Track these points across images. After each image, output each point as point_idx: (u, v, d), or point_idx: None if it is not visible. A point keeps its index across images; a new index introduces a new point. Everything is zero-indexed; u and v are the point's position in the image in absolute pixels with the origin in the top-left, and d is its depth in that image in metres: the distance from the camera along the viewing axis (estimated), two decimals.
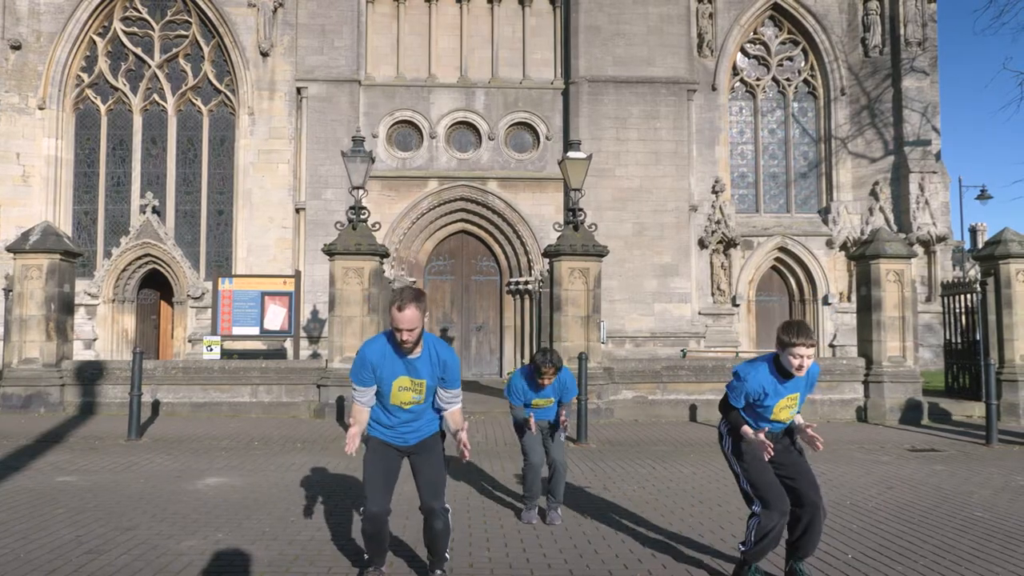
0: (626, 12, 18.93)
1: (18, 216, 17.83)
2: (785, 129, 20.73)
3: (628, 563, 4.57)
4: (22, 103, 18.42)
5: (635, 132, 18.73)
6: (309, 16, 18.65)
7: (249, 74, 18.62)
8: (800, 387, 4.09)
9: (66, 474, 7.12)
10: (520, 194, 18.86)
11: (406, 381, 3.95)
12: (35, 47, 18.48)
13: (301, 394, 11.59)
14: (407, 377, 3.95)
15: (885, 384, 11.37)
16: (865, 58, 20.11)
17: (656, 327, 18.36)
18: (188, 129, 19.38)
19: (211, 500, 6.06)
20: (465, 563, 4.52)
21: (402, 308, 3.76)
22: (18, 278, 11.64)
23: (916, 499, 6.30)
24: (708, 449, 8.87)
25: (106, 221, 19.12)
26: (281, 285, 14.47)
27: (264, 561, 4.51)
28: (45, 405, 11.24)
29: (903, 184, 19.53)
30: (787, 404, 4.07)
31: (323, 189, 18.33)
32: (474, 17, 19.48)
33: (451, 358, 4.03)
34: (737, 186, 20.50)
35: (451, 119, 19.01)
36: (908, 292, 11.69)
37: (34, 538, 4.95)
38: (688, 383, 11.68)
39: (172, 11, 19.09)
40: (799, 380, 4.06)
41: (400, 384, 3.95)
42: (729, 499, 6.22)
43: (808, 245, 19.74)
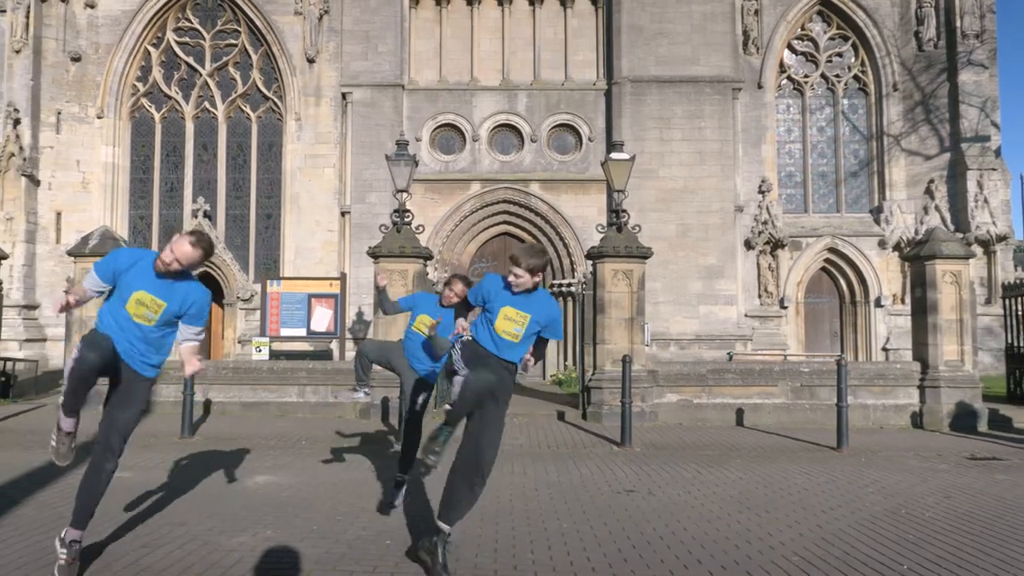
0: (669, 11, 18.74)
1: (78, 221, 18.48)
2: (835, 127, 20.27)
3: (673, 569, 4.50)
4: (81, 113, 19.10)
5: (679, 132, 18.52)
6: (354, 22, 18.92)
7: (296, 80, 18.98)
8: (532, 310, 4.15)
9: (122, 470, 7.28)
10: (562, 196, 18.82)
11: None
12: (93, 59, 19.14)
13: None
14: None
15: (942, 389, 11.00)
16: (919, 52, 19.53)
17: (701, 329, 18.11)
18: (237, 135, 19.85)
19: (260, 497, 6.17)
20: (509, 565, 4.52)
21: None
22: (78, 281, 12.05)
23: (976, 509, 6.08)
24: (755, 454, 8.71)
25: (160, 225, 19.70)
26: (327, 287, 14.69)
27: (312, 558, 4.58)
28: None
29: (960, 182, 18.91)
30: (512, 316, 4.13)
31: (367, 193, 18.56)
32: (516, 20, 19.52)
33: None
34: (784, 186, 20.11)
35: (493, 122, 19.07)
36: (966, 294, 11.29)
37: (91, 531, 5.09)
38: (734, 387, 11.48)
39: (222, 20, 19.58)
40: (533, 303, 4.15)
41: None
42: (778, 505, 6.09)
43: (859, 245, 19.25)
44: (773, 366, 12.46)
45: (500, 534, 5.11)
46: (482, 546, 4.87)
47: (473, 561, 4.57)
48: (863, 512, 5.89)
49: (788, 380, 11.48)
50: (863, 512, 5.89)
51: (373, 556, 4.65)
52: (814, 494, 6.56)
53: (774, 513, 5.83)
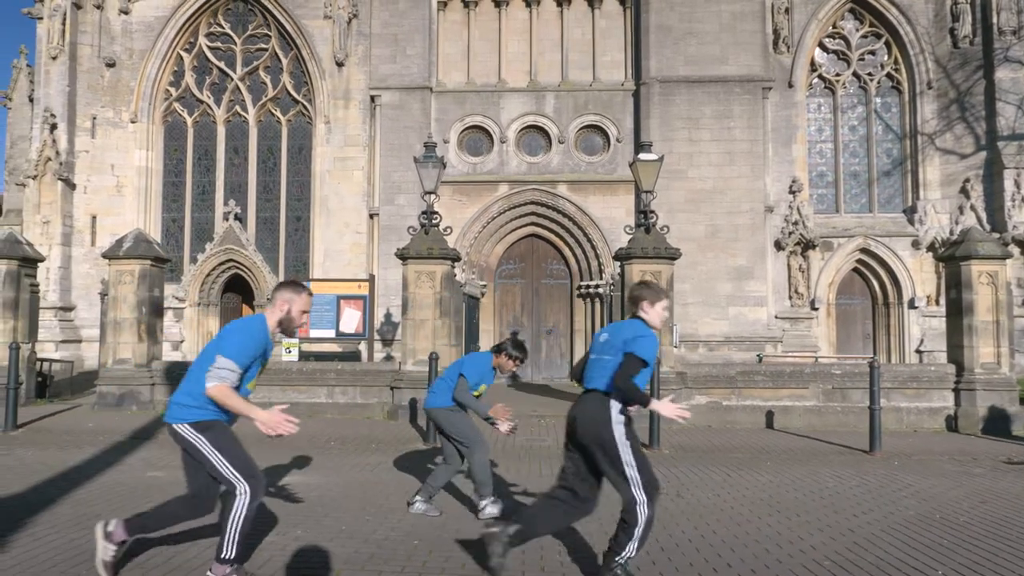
0: (698, 10, 18.60)
1: (112, 224, 18.86)
2: (867, 126, 19.95)
3: (703, 572, 4.47)
4: (116, 117, 19.49)
5: (708, 132, 18.37)
6: (382, 26, 19.06)
7: (325, 84, 19.18)
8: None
9: (156, 469, 7.47)
10: (590, 197, 18.77)
11: None
12: (127, 64, 19.53)
13: (375, 396, 11.82)
14: None
15: (977, 392, 10.78)
16: (954, 49, 19.15)
17: (730, 331, 17.93)
18: (268, 139, 20.11)
19: (290, 497, 6.24)
20: (537, 567, 4.52)
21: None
22: (112, 283, 12.30)
23: (1013, 515, 5.94)
24: (786, 457, 8.61)
25: (192, 228, 20.02)
26: (356, 289, 14.82)
27: (341, 558, 4.62)
28: (137, 403, 11.83)
29: (997, 181, 18.48)
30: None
31: (396, 195, 18.68)
32: (543, 21, 19.52)
33: None
34: (816, 186, 19.84)
35: (521, 123, 19.09)
36: (1003, 295, 11.04)
37: None
38: (764, 389, 11.35)
39: (253, 25, 19.86)
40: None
41: None
42: (809, 509, 6.01)
43: (892, 246, 18.92)
44: (804, 368, 12.30)
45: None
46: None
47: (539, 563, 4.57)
48: (896, 516, 5.79)
49: (819, 382, 11.32)
50: (896, 516, 5.79)
51: (402, 556, 4.68)
52: (846, 497, 6.46)
53: (805, 516, 5.76)
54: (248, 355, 3.93)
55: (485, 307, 18.73)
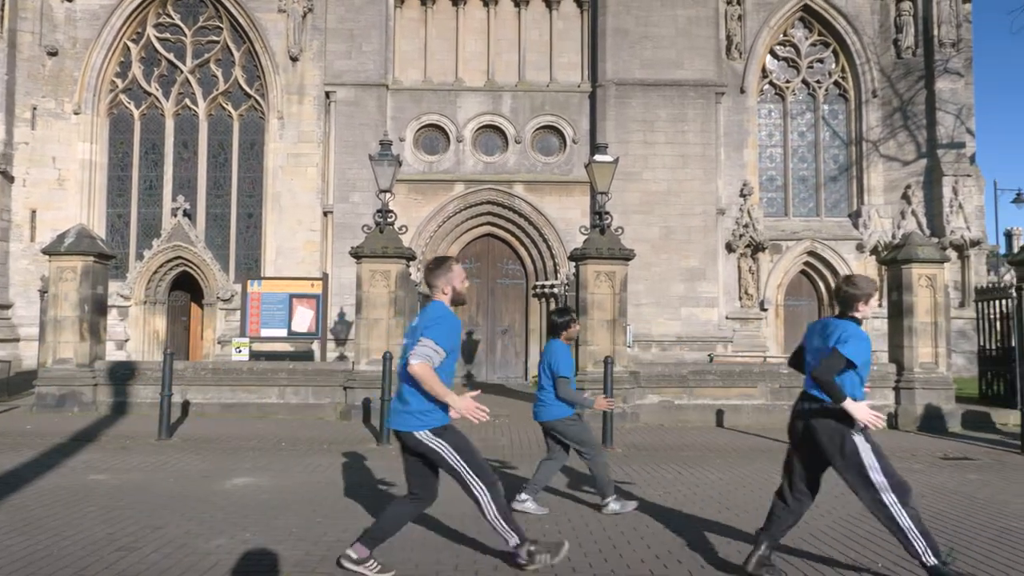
0: (654, 14, 18.84)
1: (53, 219, 18.21)
2: (815, 132, 20.48)
3: (654, 568, 4.53)
4: (58, 108, 18.83)
5: (662, 135, 18.62)
6: (338, 21, 18.83)
7: (279, 79, 18.85)
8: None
9: (98, 472, 7.25)
10: (546, 197, 18.85)
11: None
12: (71, 53, 18.89)
13: (328, 396, 11.67)
14: None
15: (916, 391, 11.16)
16: (897, 60, 19.79)
17: (683, 331, 18.21)
18: (219, 133, 19.67)
19: (239, 500, 6.13)
20: (470, 560, 4.52)
21: None
22: (53, 280, 11.88)
23: (949, 508, 6.17)
24: (735, 455, 8.78)
25: (138, 224, 19.47)
26: (309, 287, 14.62)
27: (291, 561, 4.55)
28: (78, 404, 11.45)
29: (936, 188, 19.17)
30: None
31: (351, 192, 18.48)
32: (501, 21, 19.53)
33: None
34: (766, 189, 20.28)
35: (478, 123, 19.06)
36: (941, 297, 11.46)
37: (67, 535, 5.04)
38: (715, 388, 11.57)
39: (204, 17, 19.40)
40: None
41: None
42: (757, 506, 6.14)
43: (838, 249, 19.46)
44: (753, 368, 12.57)
45: (438, 536, 5.11)
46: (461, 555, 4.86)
47: (492, 563, 4.56)
48: (839, 512, 5.95)
49: (768, 381, 11.58)
50: (839, 512, 5.95)
51: None
52: None
53: (753, 513, 5.87)
54: (451, 341, 4.10)
55: None
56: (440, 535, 5.15)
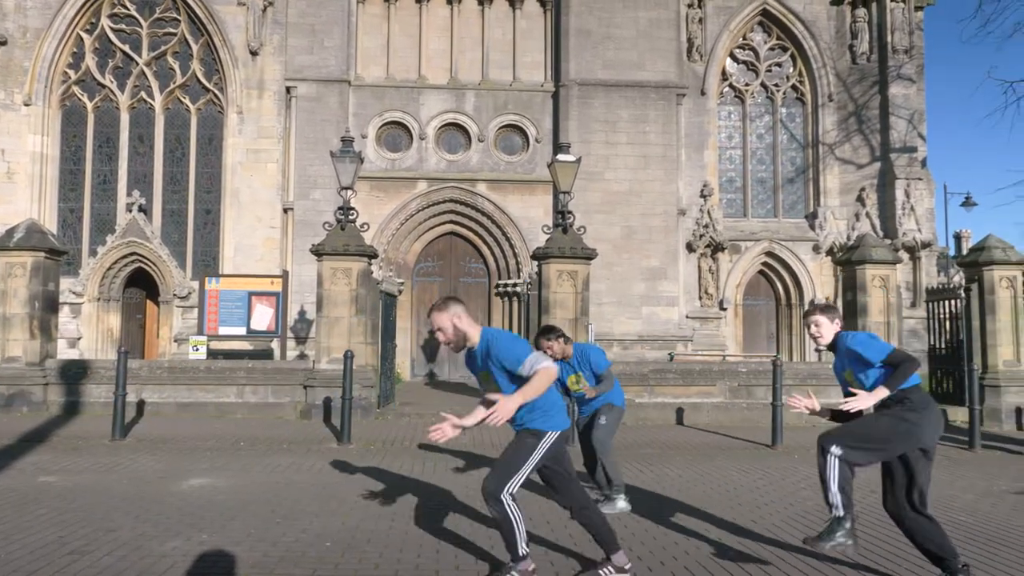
0: (616, 16, 18.99)
1: (2, 213, 17.64)
2: (773, 134, 20.86)
3: None
4: (7, 99, 18.25)
5: (624, 136, 18.78)
6: (299, 15, 18.58)
7: (238, 73, 18.54)
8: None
9: (49, 474, 7.05)
10: (509, 196, 18.87)
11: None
12: (21, 43, 18.31)
13: (288, 395, 11.53)
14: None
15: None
16: (853, 65, 20.27)
17: (644, 330, 18.41)
18: (176, 127, 19.27)
19: (195, 501, 6.02)
20: (473, 571, 4.52)
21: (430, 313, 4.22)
22: (2, 276, 11.52)
23: None
24: (694, 452, 8.91)
25: (92, 219, 18.97)
26: (268, 285, 14.42)
27: (248, 563, 4.49)
28: (28, 404, 11.13)
29: (889, 190, 19.68)
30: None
31: (311, 189, 18.26)
32: (465, 19, 19.49)
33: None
34: (725, 190, 20.60)
35: (441, 120, 19.00)
36: (893, 297, 11.79)
37: (16, 539, 4.90)
38: (675, 386, 11.72)
39: (160, 8, 18.98)
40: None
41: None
42: (714, 502, 6.25)
43: (795, 250, 19.86)
44: (712, 366, 12.77)
45: (398, 534, 5.09)
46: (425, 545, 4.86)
47: (454, 563, 4.56)
48: (795, 507, 6.09)
49: (726, 380, 11.78)
50: (795, 507, 6.09)
51: (312, 559, 4.59)
52: (749, 491, 6.75)
53: (711, 509, 5.97)
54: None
55: (403, 305, 18.52)
56: (440, 535, 5.13)
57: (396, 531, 5.20)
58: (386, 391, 12.43)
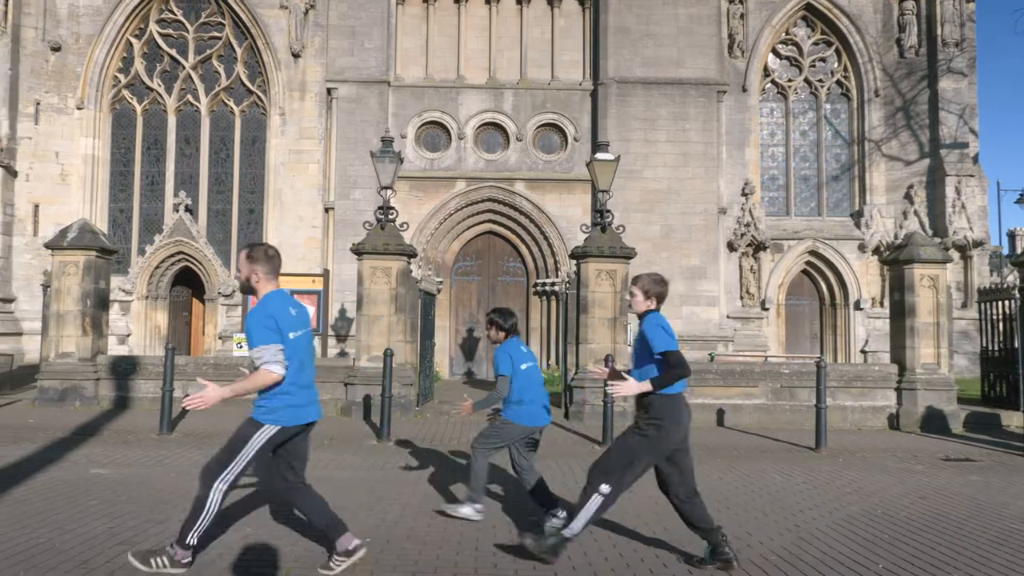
0: (656, 13, 18.81)
1: (56, 214, 18.24)
2: (817, 131, 20.46)
3: (653, 567, 4.54)
4: (61, 103, 18.84)
5: (664, 133, 18.61)
6: (340, 17, 18.82)
7: (280, 75, 18.85)
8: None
9: (100, 467, 7.26)
10: (547, 195, 18.85)
11: None
12: (74, 49, 18.89)
13: (328, 392, 11.67)
14: None
15: (918, 391, 11.16)
16: (900, 59, 19.76)
17: (683, 330, 18.17)
18: (220, 129, 19.67)
19: (240, 494, 6.13)
20: (471, 567, 4.53)
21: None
22: (55, 274, 11.90)
23: (950, 510, 6.17)
24: (735, 454, 8.79)
25: (141, 219, 19.49)
26: (310, 284, 14.62)
27: (291, 556, 4.56)
28: (80, 399, 11.47)
29: (939, 187, 19.15)
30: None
31: (352, 189, 18.48)
32: (503, 18, 19.51)
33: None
34: (767, 188, 20.27)
35: (479, 120, 19.06)
36: (943, 298, 11.45)
37: (69, 528, 5.05)
38: (715, 387, 11.56)
39: (206, 13, 19.39)
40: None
41: None
42: (757, 505, 6.15)
43: (840, 249, 19.45)
44: (754, 367, 12.57)
45: (437, 532, 5.11)
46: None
47: (492, 561, 4.57)
48: (840, 512, 5.96)
49: (768, 381, 11.58)
50: (840, 512, 5.96)
51: None
52: (792, 494, 6.63)
53: (752, 512, 5.88)
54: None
55: (441, 303, 18.65)
56: (479, 533, 5.16)
57: (435, 529, 5.23)
58: (425, 389, 12.51)
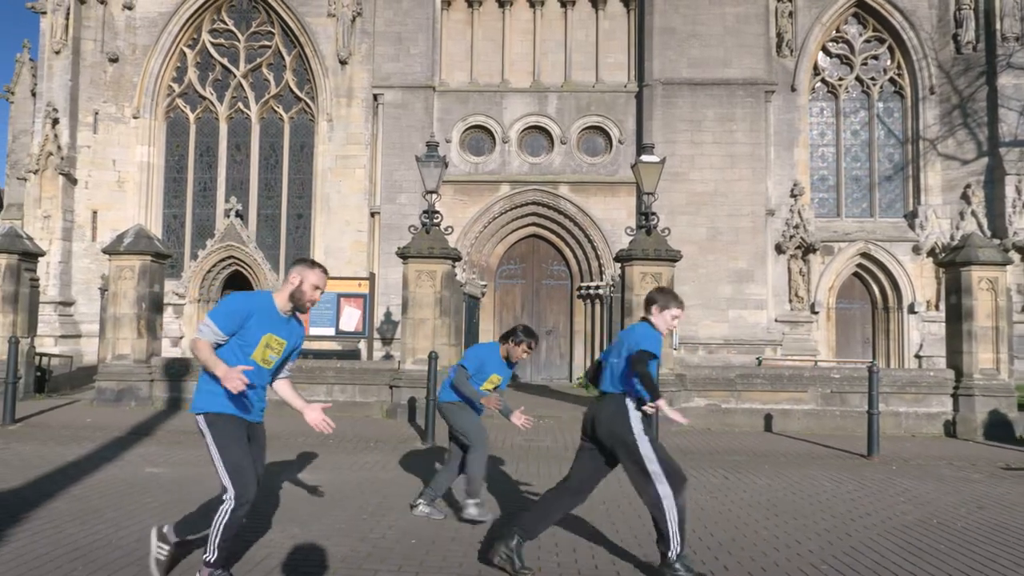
0: (702, 13, 18.59)
1: (113, 219, 18.86)
2: (869, 130, 19.95)
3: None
4: (118, 113, 19.49)
5: (710, 135, 18.37)
6: (386, 24, 19.06)
7: (328, 82, 19.18)
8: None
9: (155, 465, 7.47)
10: (592, 198, 18.77)
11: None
12: (131, 59, 19.52)
13: (374, 394, 11.82)
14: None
15: (976, 398, 10.77)
16: (957, 55, 19.15)
17: (730, 334, 17.93)
18: (270, 136, 20.10)
19: (288, 495, 6.24)
20: (535, 567, 4.52)
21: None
22: (112, 278, 12.30)
23: (1010, 520, 5.94)
24: (784, 460, 8.61)
25: (193, 224, 20.02)
26: (356, 287, 14.81)
27: (337, 557, 4.62)
28: (135, 399, 11.83)
29: (998, 187, 18.48)
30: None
31: (397, 193, 18.68)
32: (547, 21, 19.52)
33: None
34: (817, 190, 19.84)
35: (523, 123, 19.08)
36: (1002, 301, 11.04)
37: (124, 525, 5.21)
38: (763, 392, 11.35)
39: (256, 22, 19.85)
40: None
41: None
42: (806, 513, 6.01)
43: (893, 251, 18.93)
44: (803, 371, 12.29)
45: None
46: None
47: (536, 563, 4.58)
48: (894, 521, 5.79)
49: (818, 386, 11.32)
50: (894, 521, 5.79)
51: (398, 555, 4.68)
52: (843, 502, 6.46)
53: (802, 520, 5.76)
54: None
55: (485, 307, 18.74)
56: (482, 534, 5.17)
57: (480, 531, 5.24)
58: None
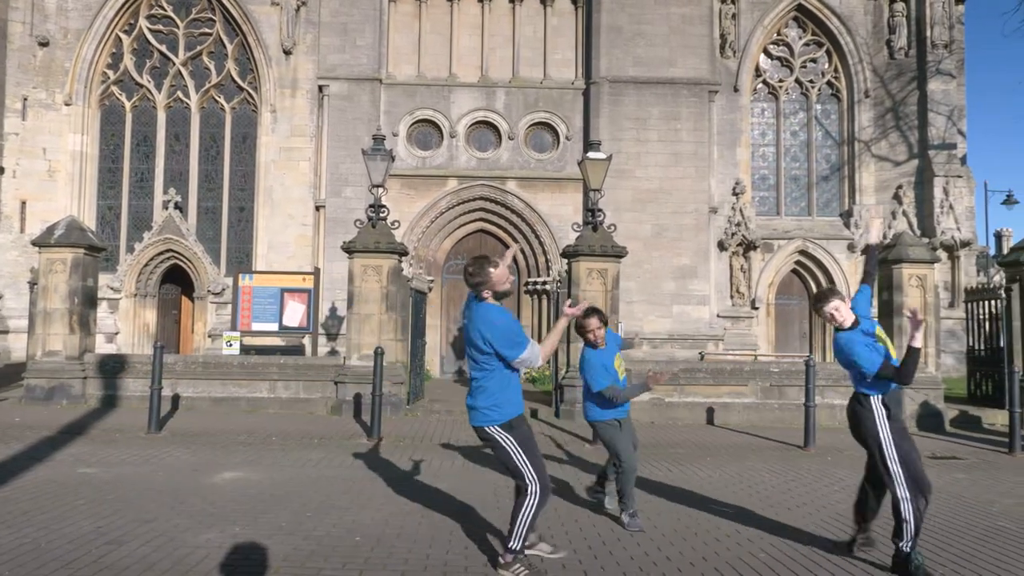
0: (648, 12, 18.83)
1: (43, 210, 18.10)
2: (807, 131, 20.54)
3: (643, 565, 4.55)
4: (49, 99, 18.69)
5: (655, 133, 18.64)
6: (331, 15, 18.74)
7: (271, 72, 18.76)
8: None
9: (87, 466, 7.21)
10: (539, 194, 18.85)
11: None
12: (62, 44, 18.74)
13: (319, 391, 11.65)
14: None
15: (906, 390, 11.22)
16: (890, 60, 19.87)
17: (674, 329, 18.26)
18: (211, 126, 19.57)
19: (229, 494, 6.11)
20: (461, 566, 4.52)
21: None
22: (43, 271, 11.81)
23: (936, 508, 6.20)
24: (725, 453, 8.82)
25: (129, 216, 19.36)
26: (300, 282, 14.56)
27: (280, 555, 4.55)
28: (67, 397, 11.40)
29: (927, 188, 19.27)
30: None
31: (343, 187, 18.42)
32: (496, 17, 19.49)
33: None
34: (758, 188, 20.34)
35: (471, 118, 19.03)
36: (931, 297, 11.53)
37: (55, 528, 5.02)
38: (706, 386, 11.60)
39: (196, 9, 19.28)
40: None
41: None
42: (745, 503, 6.17)
43: (829, 248, 19.54)
44: (744, 366, 12.61)
45: (427, 530, 5.11)
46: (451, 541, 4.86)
47: (482, 559, 4.58)
48: (828, 510, 5.99)
49: (758, 380, 11.63)
50: (828, 510, 5.99)
51: (342, 553, 4.63)
52: (781, 492, 6.66)
53: (742, 511, 5.91)
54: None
55: (432, 302, 18.63)
56: (469, 532, 5.16)
57: (425, 527, 5.23)
58: (416, 388, 12.50)
